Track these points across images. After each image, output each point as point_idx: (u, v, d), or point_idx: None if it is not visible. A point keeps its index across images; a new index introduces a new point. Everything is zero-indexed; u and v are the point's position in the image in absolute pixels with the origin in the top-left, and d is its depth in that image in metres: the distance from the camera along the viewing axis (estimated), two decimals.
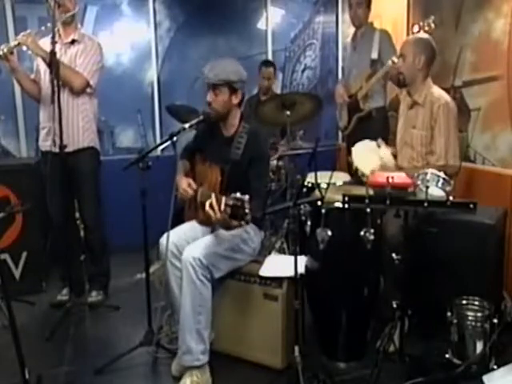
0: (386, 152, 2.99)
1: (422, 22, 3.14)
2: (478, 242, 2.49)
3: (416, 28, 3.15)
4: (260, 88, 4.55)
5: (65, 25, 3.23)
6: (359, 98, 3.72)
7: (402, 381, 2.23)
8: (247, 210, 2.06)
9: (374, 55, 3.67)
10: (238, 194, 2.10)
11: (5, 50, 3.01)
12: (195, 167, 2.77)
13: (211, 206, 2.24)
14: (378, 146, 3.02)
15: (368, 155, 2.95)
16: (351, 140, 3.28)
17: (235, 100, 2.56)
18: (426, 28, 3.10)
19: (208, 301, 2.43)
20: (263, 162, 2.62)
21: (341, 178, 3.23)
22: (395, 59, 3.17)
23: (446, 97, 2.83)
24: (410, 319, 2.50)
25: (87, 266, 3.49)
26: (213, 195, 2.27)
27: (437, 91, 2.86)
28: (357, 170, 2.91)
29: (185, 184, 2.60)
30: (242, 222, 2.11)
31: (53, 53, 2.93)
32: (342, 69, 4.51)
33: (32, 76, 3.31)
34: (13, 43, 3.07)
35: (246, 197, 2.09)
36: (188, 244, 2.51)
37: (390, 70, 3.36)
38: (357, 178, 2.98)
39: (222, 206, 2.15)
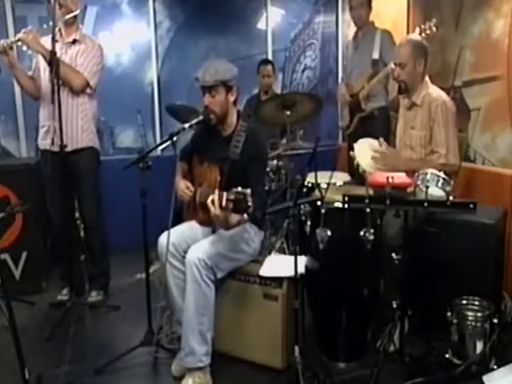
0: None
1: (423, 24, 3.11)
2: (478, 241, 2.49)
3: (417, 30, 3.11)
4: (260, 87, 4.55)
5: (66, 25, 3.23)
6: (361, 98, 3.72)
7: (402, 381, 2.24)
8: (250, 203, 2.06)
9: (375, 55, 3.66)
10: (240, 188, 2.11)
11: (5, 45, 3.02)
12: (193, 169, 2.77)
13: (213, 201, 2.24)
14: (380, 146, 3.02)
15: (370, 153, 2.94)
16: (353, 139, 3.28)
17: (231, 98, 2.58)
18: (428, 31, 3.05)
19: (211, 302, 2.44)
20: (262, 160, 2.62)
21: (341, 177, 3.22)
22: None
23: (443, 96, 2.83)
24: (410, 319, 2.51)
25: (87, 265, 3.49)
26: (216, 191, 2.25)
27: (434, 91, 2.86)
28: (358, 166, 2.90)
29: (183, 186, 2.62)
30: (245, 216, 2.11)
31: (53, 52, 2.93)
32: (344, 68, 4.51)
33: (30, 73, 3.31)
34: (13, 38, 3.08)
35: (248, 190, 2.09)
36: (187, 244, 2.51)
37: (391, 73, 3.33)
38: (357, 174, 2.97)
39: (224, 202, 2.15)
